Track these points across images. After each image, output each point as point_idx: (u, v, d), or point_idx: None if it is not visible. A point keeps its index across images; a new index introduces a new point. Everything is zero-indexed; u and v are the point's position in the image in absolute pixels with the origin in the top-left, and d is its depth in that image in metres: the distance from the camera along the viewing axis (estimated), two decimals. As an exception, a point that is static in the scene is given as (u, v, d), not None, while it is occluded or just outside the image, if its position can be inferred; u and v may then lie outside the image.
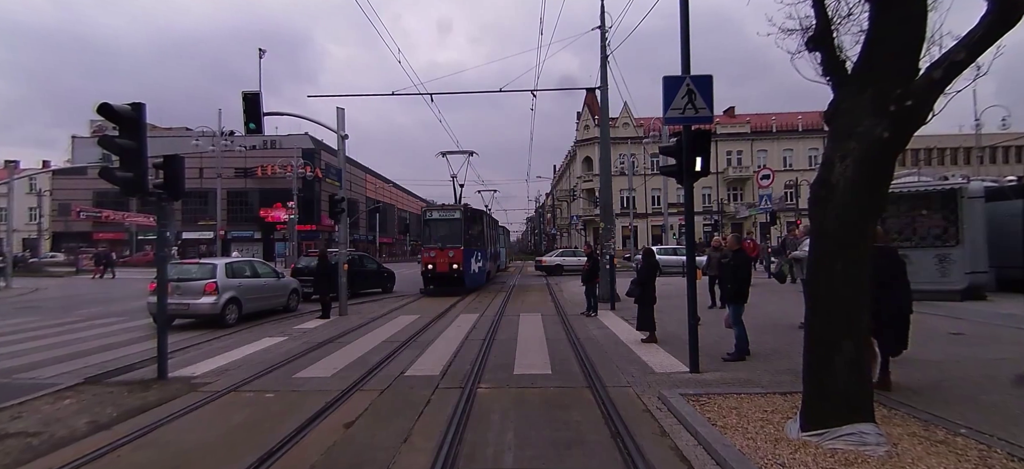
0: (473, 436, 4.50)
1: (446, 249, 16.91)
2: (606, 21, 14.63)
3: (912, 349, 7.04)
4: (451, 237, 17.22)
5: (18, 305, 16.10)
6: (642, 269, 8.79)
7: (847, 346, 3.81)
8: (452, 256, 16.80)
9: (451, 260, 16.78)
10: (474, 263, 18.02)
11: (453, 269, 16.79)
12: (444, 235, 17.40)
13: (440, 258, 16.89)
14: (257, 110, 11.92)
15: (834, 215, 3.87)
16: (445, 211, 18.10)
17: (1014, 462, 3.54)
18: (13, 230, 29.08)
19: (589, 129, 48.21)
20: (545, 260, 30.24)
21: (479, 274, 18.80)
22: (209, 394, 5.87)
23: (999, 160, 44.61)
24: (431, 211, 18.57)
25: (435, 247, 17.14)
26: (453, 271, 16.80)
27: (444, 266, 16.82)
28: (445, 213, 17.98)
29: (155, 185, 6.70)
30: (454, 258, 16.80)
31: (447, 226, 17.53)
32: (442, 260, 16.87)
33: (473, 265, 17.84)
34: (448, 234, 17.31)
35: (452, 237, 17.21)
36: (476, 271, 18.29)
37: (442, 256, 16.86)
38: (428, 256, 17.21)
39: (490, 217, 25.24)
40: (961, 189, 11.81)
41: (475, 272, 18.19)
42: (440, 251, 16.98)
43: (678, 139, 6.23)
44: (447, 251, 16.89)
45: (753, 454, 3.77)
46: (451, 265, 16.78)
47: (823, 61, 4.16)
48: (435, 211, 18.40)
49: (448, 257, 16.79)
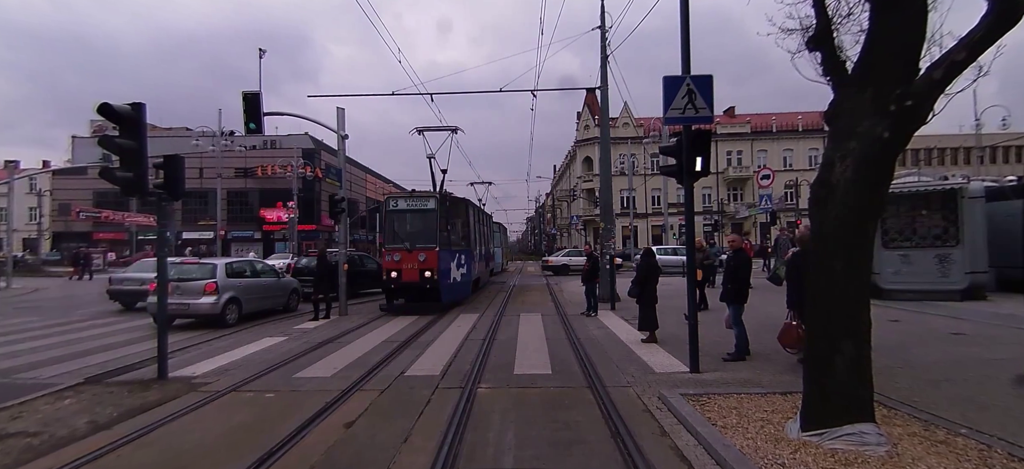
0: (473, 436, 4.50)
1: (416, 251, 12.73)
2: (606, 21, 14.65)
3: (912, 349, 7.09)
4: (423, 234, 13.10)
5: (18, 305, 16.11)
6: (642, 269, 8.80)
7: (847, 346, 3.81)
8: (424, 260, 12.62)
9: (422, 266, 12.60)
10: (455, 269, 13.77)
11: (425, 278, 12.61)
12: (414, 232, 13.33)
13: (407, 263, 12.71)
14: (257, 110, 11.93)
15: (834, 215, 3.87)
16: (415, 200, 13.77)
17: (1014, 462, 3.54)
18: (13, 230, 29.08)
19: (589, 129, 48.23)
20: (552, 260, 30.43)
21: (462, 283, 14.38)
22: (209, 394, 5.87)
23: (999, 160, 44.60)
24: (396, 200, 14.18)
25: (400, 248, 12.95)
26: (425, 281, 12.63)
27: (412, 274, 12.67)
28: (415, 202, 13.69)
29: (155, 185, 6.71)
30: (427, 263, 12.61)
31: (419, 220, 13.48)
32: (410, 266, 12.69)
33: (453, 272, 13.63)
34: (420, 230, 13.27)
35: (424, 234, 13.08)
36: (458, 280, 14.00)
37: (410, 260, 12.70)
38: (390, 260, 12.95)
39: (479, 210, 20.56)
40: (961, 189, 11.83)
41: (456, 281, 13.88)
42: (407, 253, 12.77)
43: (678, 139, 6.23)
44: (417, 253, 12.69)
45: (753, 454, 3.77)
46: (422, 272, 12.59)
47: (823, 61, 4.16)
48: (401, 200, 14.11)
49: (418, 262, 12.62)
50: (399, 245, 13.06)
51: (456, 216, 14.86)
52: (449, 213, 13.98)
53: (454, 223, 14.47)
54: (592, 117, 45.92)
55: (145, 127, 6.44)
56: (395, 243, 13.20)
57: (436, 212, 13.24)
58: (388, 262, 13.11)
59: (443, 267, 12.95)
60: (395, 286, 13.10)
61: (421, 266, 12.67)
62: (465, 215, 15.92)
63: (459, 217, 15.19)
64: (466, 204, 16.58)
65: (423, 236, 13.10)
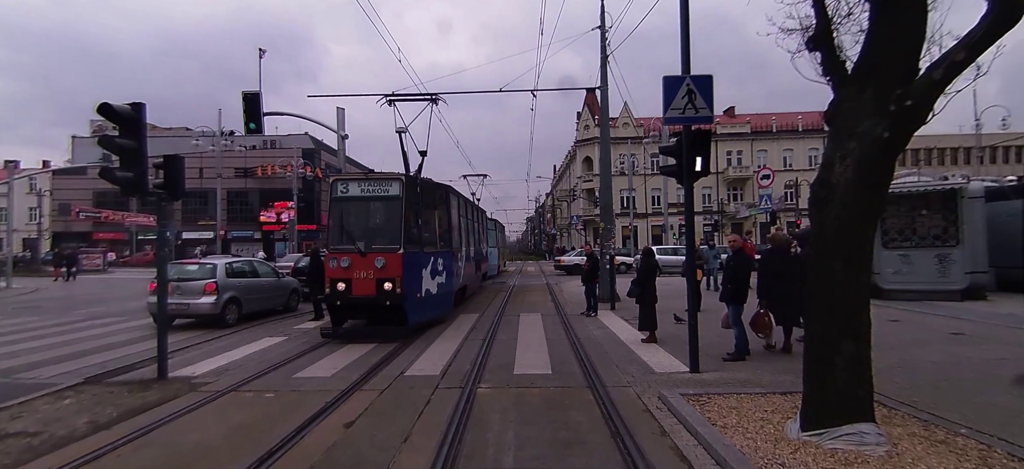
0: (473, 436, 4.50)
1: (370, 254, 9.29)
2: (606, 21, 14.68)
3: (912, 349, 7.09)
4: (384, 231, 9.85)
5: (18, 305, 16.11)
6: (641, 269, 8.80)
7: (847, 346, 3.81)
8: (383, 266, 9.22)
9: (381, 274, 9.23)
10: (429, 279, 10.31)
11: (384, 291, 9.22)
12: (371, 228, 10.04)
13: (359, 270, 9.29)
14: (257, 110, 11.96)
15: (834, 215, 3.87)
16: (373, 184, 10.08)
17: (1014, 462, 3.54)
18: (13, 230, 29.08)
19: (589, 129, 48.23)
20: (564, 260, 30.90)
21: (439, 297, 10.79)
22: (209, 394, 5.87)
23: (999, 160, 44.62)
24: (346, 183, 10.31)
25: (348, 250, 9.42)
26: (384, 295, 9.23)
27: (366, 285, 9.27)
28: (373, 187, 10.04)
29: (155, 185, 6.71)
30: (387, 270, 9.24)
31: (378, 211, 10.22)
32: (363, 274, 9.29)
33: (426, 282, 10.18)
34: (379, 226, 10.06)
35: (385, 231, 9.82)
36: (433, 293, 10.44)
37: (363, 266, 9.28)
38: (335, 267, 9.44)
39: (468, 201, 17.12)
40: (961, 189, 11.84)
41: (430, 295, 10.31)
42: (359, 258, 9.28)
43: (678, 139, 6.24)
44: (372, 258, 9.26)
45: (753, 454, 3.77)
46: (381, 284, 9.24)
47: (823, 61, 4.16)
48: (354, 183, 10.25)
49: (375, 269, 9.24)
50: (348, 247, 9.46)
51: (432, 207, 11.14)
52: (421, 202, 10.27)
53: (429, 216, 10.89)
54: (592, 117, 45.93)
55: (145, 127, 6.45)
56: (343, 243, 9.64)
57: (401, 201, 9.62)
58: (333, 270, 9.37)
59: (410, 276, 9.49)
60: (342, 302, 9.43)
61: (379, 275, 9.19)
62: (445, 206, 12.33)
63: (437, 208, 11.45)
64: (448, 192, 12.93)
65: (383, 233, 9.79)
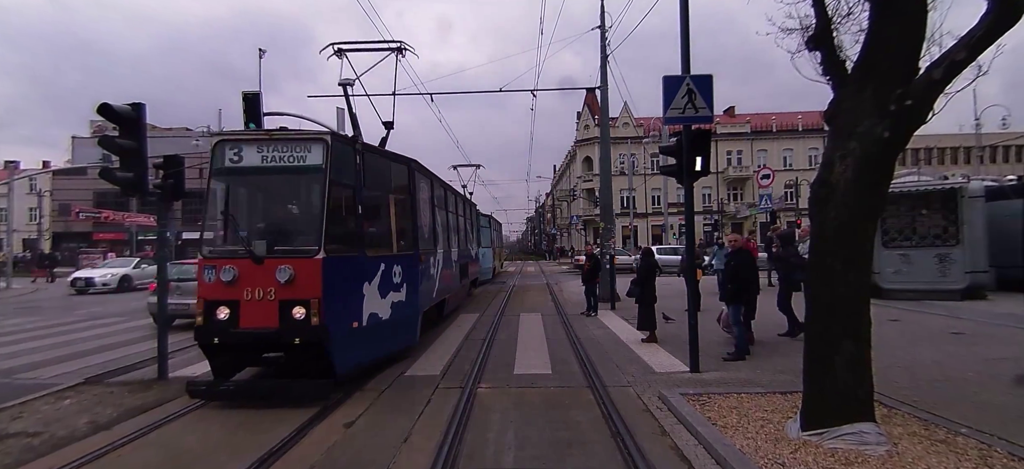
0: (473, 436, 4.50)
1: (271, 261, 5.51)
2: (606, 21, 14.66)
3: (913, 348, 7.09)
4: (292, 223, 6.63)
5: (18, 305, 16.10)
6: (641, 269, 8.80)
7: (847, 346, 3.81)
8: (289, 280, 5.42)
9: (287, 291, 5.45)
10: (375, 297, 6.50)
11: (293, 320, 5.45)
12: (274, 219, 6.66)
13: (251, 286, 5.49)
14: (257, 110, 11.88)
15: (834, 215, 3.87)
16: (279, 148, 5.83)
17: (1014, 462, 3.54)
18: (13, 230, 29.07)
19: (589, 129, 48.20)
20: (582, 259, 30.88)
21: (392, 325, 6.88)
22: (209, 394, 5.84)
23: (999, 160, 44.61)
24: (238, 147, 5.88)
25: (235, 255, 5.71)
26: (292, 326, 5.45)
27: (263, 313, 5.47)
28: (278, 152, 5.82)
29: (155, 185, 6.71)
30: (297, 286, 5.46)
31: (289, 189, 6.72)
32: (257, 292, 5.48)
33: (369, 302, 6.35)
34: (288, 216, 6.82)
35: (296, 223, 6.63)
36: (383, 317, 6.64)
37: (258, 281, 5.49)
38: (213, 282, 5.56)
39: (446, 186, 11.96)
40: (961, 189, 11.84)
41: (377, 322, 6.50)
42: (252, 267, 5.52)
43: (678, 139, 6.23)
44: (273, 266, 5.46)
45: (753, 454, 3.77)
46: (287, 309, 5.46)
47: (823, 60, 4.16)
48: (249, 147, 5.88)
49: (276, 283, 5.44)
50: (234, 249, 5.90)
51: (384, 188, 7.24)
52: (364, 180, 6.36)
53: (379, 202, 7.16)
54: (592, 117, 45.91)
55: (145, 127, 6.44)
56: (227, 244, 6.08)
57: (324, 174, 5.79)
58: (209, 287, 5.63)
59: (339, 294, 5.83)
60: (221, 339, 5.60)
61: (284, 293, 5.48)
62: (408, 189, 7.95)
63: (392, 192, 7.40)
64: (412, 170, 8.12)
65: (294, 227, 6.47)
